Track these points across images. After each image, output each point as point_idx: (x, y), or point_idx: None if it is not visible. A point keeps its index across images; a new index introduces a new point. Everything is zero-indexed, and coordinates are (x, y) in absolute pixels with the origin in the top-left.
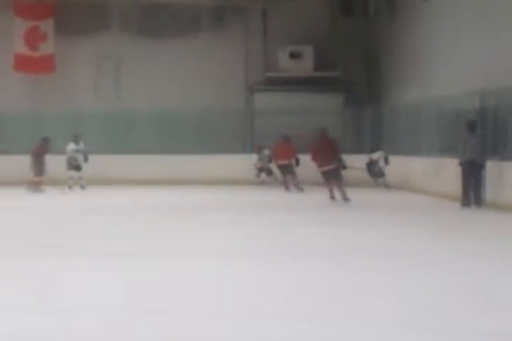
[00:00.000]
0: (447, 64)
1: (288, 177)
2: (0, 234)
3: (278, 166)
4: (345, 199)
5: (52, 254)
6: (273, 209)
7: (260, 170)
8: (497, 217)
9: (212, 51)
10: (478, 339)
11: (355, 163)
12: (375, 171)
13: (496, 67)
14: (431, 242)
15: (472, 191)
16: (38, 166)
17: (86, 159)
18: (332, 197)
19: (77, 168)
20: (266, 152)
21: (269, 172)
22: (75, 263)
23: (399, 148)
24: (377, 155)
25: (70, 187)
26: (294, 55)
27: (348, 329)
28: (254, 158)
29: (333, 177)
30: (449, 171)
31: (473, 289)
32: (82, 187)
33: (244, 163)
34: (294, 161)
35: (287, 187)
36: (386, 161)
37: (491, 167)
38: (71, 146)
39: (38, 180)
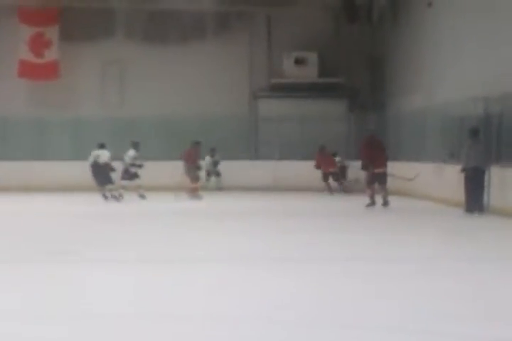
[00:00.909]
0: (451, 70)
1: (329, 183)
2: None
3: (325, 173)
4: (386, 203)
5: (64, 261)
6: (291, 215)
7: (208, 173)
8: (501, 222)
9: (216, 57)
10: None
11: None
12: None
13: (499, 73)
14: (434, 248)
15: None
16: (193, 172)
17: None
18: (372, 203)
19: (134, 176)
20: (217, 156)
21: (214, 175)
22: (87, 270)
23: (403, 154)
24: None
25: (120, 196)
26: (298, 61)
27: (350, 335)
28: (207, 160)
29: (381, 180)
30: (451, 177)
31: (476, 295)
32: (142, 196)
33: (249, 169)
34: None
35: (331, 192)
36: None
37: (495, 173)
38: (131, 153)
39: (195, 186)
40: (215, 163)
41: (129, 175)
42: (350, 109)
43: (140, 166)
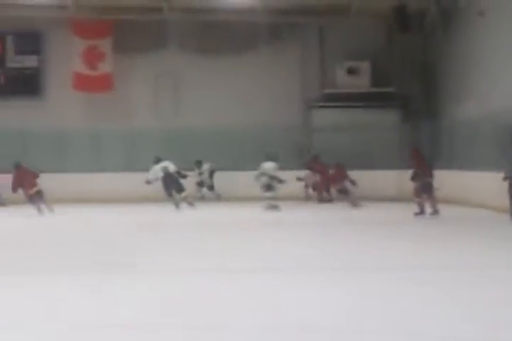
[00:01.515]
0: (504, 78)
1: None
2: (53, 251)
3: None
4: (436, 211)
5: (116, 272)
6: (328, 224)
7: (200, 184)
8: None
9: (269, 68)
10: None
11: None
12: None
13: None
14: (484, 256)
15: None
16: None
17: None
18: (422, 212)
19: (270, 188)
20: (206, 166)
21: (210, 188)
22: (139, 281)
23: (457, 163)
24: None
25: (275, 207)
26: (351, 71)
27: None
28: (194, 172)
29: (429, 190)
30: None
31: None
32: (274, 207)
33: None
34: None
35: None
36: None
37: None
38: (270, 165)
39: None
40: (211, 174)
41: (267, 186)
42: (404, 118)
43: (281, 181)
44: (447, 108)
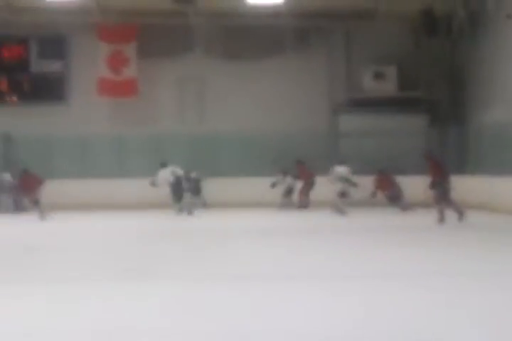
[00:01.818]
0: None
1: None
2: (77, 258)
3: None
4: (462, 216)
5: (133, 279)
6: (365, 231)
7: (187, 190)
8: None
9: (295, 73)
10: None
11: None
12: None
13: None
14: (503, 262)
15: None
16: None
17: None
18: (442, 220)
19: (345, 194)
20: (193, 175)
21: (195, 193)
22: (146, 288)
23: (484, 168)
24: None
25: (342, 211)
26: (377, 75)
27: None
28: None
29: (447, 195)
30: None
31: None
32: (343, 212)
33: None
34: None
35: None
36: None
37: None
38: (343, 170)
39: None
40: (197, 181)
41: (343, 194)
42: (431, 122)
43: (355, 185)
44: (475, 113)
